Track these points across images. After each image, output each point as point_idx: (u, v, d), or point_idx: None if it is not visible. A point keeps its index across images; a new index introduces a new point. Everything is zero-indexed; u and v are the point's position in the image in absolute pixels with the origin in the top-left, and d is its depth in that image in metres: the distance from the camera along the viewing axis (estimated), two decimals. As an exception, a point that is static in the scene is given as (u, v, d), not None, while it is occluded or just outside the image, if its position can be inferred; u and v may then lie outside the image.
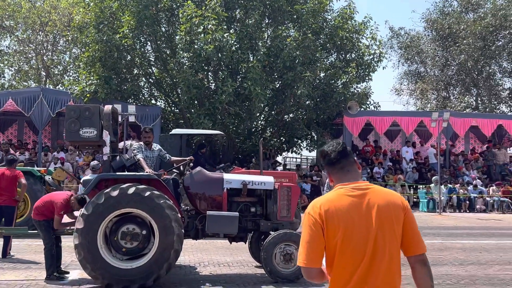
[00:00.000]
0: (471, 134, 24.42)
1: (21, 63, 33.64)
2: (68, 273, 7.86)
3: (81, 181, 8.12)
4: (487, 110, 32.08)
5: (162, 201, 7.00)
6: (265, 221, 7.84)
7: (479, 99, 33.79)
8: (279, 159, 24.70)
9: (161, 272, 6.98)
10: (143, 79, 21.82)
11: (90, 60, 19.34)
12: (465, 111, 30.72)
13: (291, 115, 21.27)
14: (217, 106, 18.05)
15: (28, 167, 12.39)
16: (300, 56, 18.24)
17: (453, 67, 33.45)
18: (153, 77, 21.67)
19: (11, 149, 18.87)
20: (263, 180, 7.95)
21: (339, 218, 2.58)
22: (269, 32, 20.60)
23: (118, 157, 7.87)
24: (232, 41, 17.97)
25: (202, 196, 7.76)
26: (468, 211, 19.09)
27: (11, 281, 7.42)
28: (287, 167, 24.88)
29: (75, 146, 8.11)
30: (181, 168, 8.18)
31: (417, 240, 2.66)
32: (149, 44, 20.93)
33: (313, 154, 24.63)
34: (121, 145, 12.86)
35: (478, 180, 20.39)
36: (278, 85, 20.20)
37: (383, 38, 30.39)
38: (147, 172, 7.45)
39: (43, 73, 33.31)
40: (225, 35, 17.39)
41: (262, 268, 7.70)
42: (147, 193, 6.98)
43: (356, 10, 20.73)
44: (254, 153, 20.57)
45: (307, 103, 20.13)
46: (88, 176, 8.15)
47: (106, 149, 8.28)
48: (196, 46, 17.75)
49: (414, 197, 20.09)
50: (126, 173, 7.66)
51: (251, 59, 18.48)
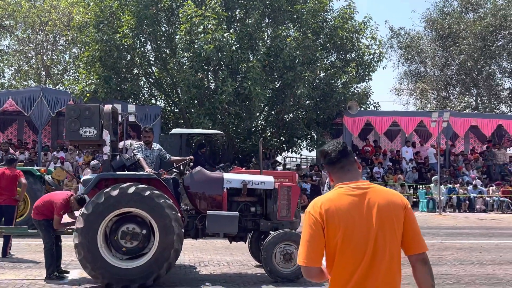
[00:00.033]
0: (471, 134, 24.43)
1: (21, 62, 33.64)
2: (68, 272, 7.85)
3: (81, 180, 8.12)
4: (487, 110, 32.08)
5: (162, 200, 7.00)
6: (265, 220, 7.84)
7: (479, 99, 33.79)
8: (279, 159, 24.70)
9: (161, 271, 6.98)
10: (143, 78, 21.82)
11: (90, 60, 19.36)
12: (465, 111, 30.72)
13: (291, 115, 21.27)
14: (217, 105, 18.06)
15: (28, 167, 12.38)
16: (300, 56, 18.24)
17: (453, 67, 33.45)
18: (153, 77, 21.67)
19: (10, 149, 18.85)
20: (263, 180, 7.95)
21: (339, 217, 2.59)
22: (269, 32, 20.60)
23: (118, 157, 7.88)
24: (232, 41, 17.98)
25: (202, 196, 7.77)
26: (467, 211, 19.10)
27: (11, 281, 7.42)
28: (287, 167, 24.88)
29: (75, 145, 8.10)
30: (181, 168, 8.18)
31: (418, 239, 2.65)
32: (149, 43, 20.94)
33: (313, 154, 24.64)
34: (120, 144, 12.87)
35: (478, 180, 20.39)
36: (278, 85, 20.20)
37: (383, 38, 30.38)
38: (147, 172, 7.45)
39: (43, 73, 33.31)
40: (225, 34, 17.40)
41: (262, 268, 7.70)
42: (147, 193, 6.99)
43: (356, 10, 20.78)
44: (254, 153, 20.57)
45: (307, 103, 20.14)
46: (88, 175, 8.15)
47: (106, 149, 8.27)
48: (196, 46, 17.76)
49: (414, 197, 20.07)
50: (126, 172, 7.66)
51: (251, 59, 18.48)
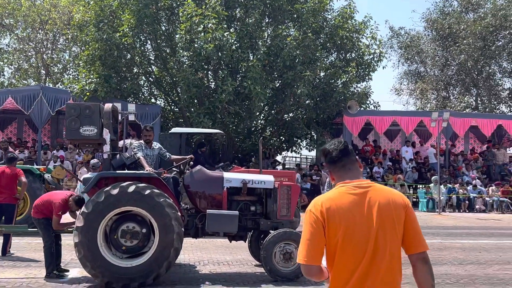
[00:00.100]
0: (471, 134, 24.43)
1: (21, 61, 33.61)
2: (68, 271, 7.86)
3: (81, 179, 8.12)
4: (487, 110, 32.09)
5: (162, 199, 7.00)
6: (265, 220, 7.84)
7: (479, 99, 33.80)
8: (278, 158, 24.70)
9: (160, 270, 6.98)
10: (143, 77, 21.82)
11: (90, 59, 19.34)
12: (465, 111, 30.71)
13: (291, 114, 21.28)
14: (217, 105, 18.06)
15: (28, 165, 12.38)
16: (300, 55, 18.24)
17: (453, 67, 33.46)
18: (153, 76, 21.66)
19: (10, 147, 18.84)
20: (263, 179, 7.95)
21: (340, 216, 2.58)
22: (269, 31, 20.60)
23: (118, 156, 7.88)
24: (232, 40, 17.97)
25: (202, 195, 7.77)
26: (467, 211, 19.10)
27: (11, 279, 7.42)
28: (286, 166, 24.88)
29: (75, 144, 8.09)
30: (181, 167, 8.18)
31: (419, 238, 2.65)
32: (149, 42, 20.93)
33: (313, 153, 24.65)
34: (120, 143, 12.87)
35: (478, 180, 20.39)
36: (278, 84, 20.19)
37: (383, 38, 30.32)
38: (147, 171, 7.46)
39: (43, 72, 33.29)
40: (225, 34, 17.39)
41: (262, 267, 7.71)
42: (147, 192, 6.99)
43: (356, 9, 20.78)
44: (254, 152, 20.56)
45: (307, 102, 20.14)
46: (88, 174, 8.14)
47: (106, 148, 8.28)
48: (196, 45, 17.76)
49: (414, 197, 20.07)
50: (126, 171, 7.66)
51: (251, 58, 18.48)
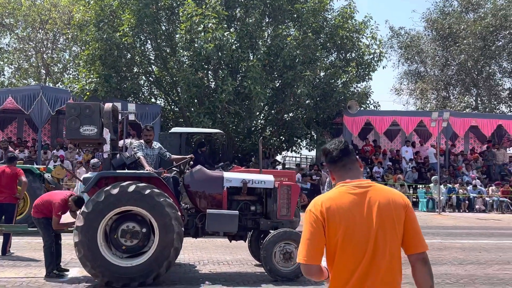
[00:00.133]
0: (471, 134, 24.43)
1: (21, 61, 33.62)
2: (67, 270, 7.85)
3: (81, 178, 8.12)
4: (487, 110, 32.09)
5: (162, 199, 7.00)
6: (265, 219, 7.85)
7: (479, 99, 33.80)
8: (278, 158, 24.71)
9: (160, 270, 6.98)
10: (143, 77, 21.81)
11: (90, 58, 19.35)
12: (465, 111, 30.71)
13: (291, 114, 21.28)
14: (217, 105, 18.06)
15: (28, 165, 12.38)
16: (300, 55, 18.23)
17: (453, 67, 33.46)
18: (153, 76, 21.66)
19: (10, 147, 18.83)
20: (263, 179, 7.95)
21: (340, 216, 2.58)
22: (269, 31, 20.59)
23: (118, 155, 7.88)
24: (232, 40, 17.97)
25: (202, 194, 7.77)
26: (467, 211, 19.10)
27: (10, 279, 7.42)
28: (286, 166, 24.87)
29: (75, 144, 8.10)
30: (181, 166, 8.18)
31: (418, 238, 2.64)
32: (149, 42, 20.92)
33: (313, 153, 24.64)
34: (120, 143, 12.88)
35: (478, 180, 20.38)
36: (278, 84, 20.19)
37: (383, 38, 30.34)
38: (147, 170, 7.46)
39: (43, 71, 33.29)
40: (225, 33, 17.39)
41: (262, 267, 7.71)
42: (147, 191, 6.99)
43: (356, 9, 20.80)
44: (254, 152, 20.56)
45: (307, 102, 20.14)
46: (88, 173, 8.14)
47: (106, 147, 8.28)
48: (196, 45, 17.76)
49: (414, 196, 20.07)
50: (126, 171, 7.66)
51: (251, 58, 18.48)
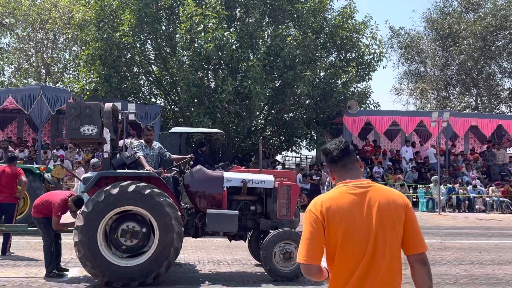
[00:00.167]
0: (471, 134, 24.43)
1: (21, 60, 33.62)
2: (67, 270, 7.85)
3: (82, 178, 8.12)
4: (487, 110, 32.09)
5: (162, 199, 7.01)
6: (264, 219, 7.85)
7: (479, 99, 33.80)
8: (278, 158, 24.71)
9: (160, 270, 6.98)
10: (143, 77, 21.81)
11: (90, 58, 19.34)
12: (465, 111, 30.72)
13: (291, 114, 21.27)
14: (217, 104, 18.06)
15: (28, 165, 12.38)
16: (300, 55, 18.23)
17: (453, 67, 33.46)
18: (153, 76, 21.66)
19: (10, 147, 18.83)
20: (263, 179, 7.95)
21: (340, 216, 2.59)
22: (269, 31, 20.59)
23: (118, 155, 7.88)
24: (232, 40, 17.97)
25: (202, 194, 7.77)
26: (467, 211, 19.10)
27: (10, 278, 7.42)
28: (286, 166, 24.86)
29: (75, 143, 8.09)
30: (181, 166, 8.18)
31: (418, 238, 2.64)
32: (149, 42, 20.92)
33: (313, 153, 24.65)
34: (120, 143, 12.88)
35: (477, 180, 20.38)
36: (278, 84, 20.19)
37: (383, 38, 30.36)
38: (147, 170, 7.46)
39: (43, 71, 33.29)
40: (225, 33, 17.39)
41: (262, 267, 7.71)
42: (147, 191, 6.99)
43: (357, 9, 20.81)
44: (254, 152, 20.56)
45: (307, 102, 20.14)
46: (88, 173, 8.15)
47: (107, 147, 8.28)
48: (196, 45, 17.76)
49: (414, 196, 20.07)
50: (126, 170, 7.66)
51: (251, 58, 18.48)
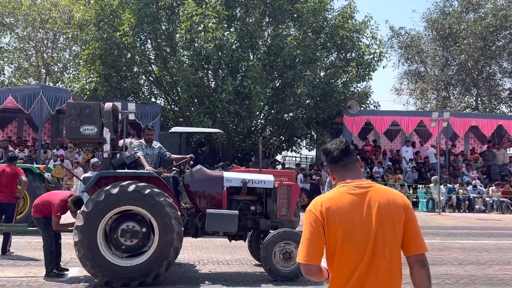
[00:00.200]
0: (471, 134, 24.42)
1: (21, 60, 33.62)
2: (67, 270, 7.85)
3: (81, 178, 8.12)
4: (487, 110, 32.09)
5: (162, 199, 7.00)
6: (264, 219, 7.85)
7: (479, 99, 33.80)
8: (278, 158, 24.71)
9: (160, 269, 6.98)
10: (143, 77, 21.82)
11: (90, 58, 19.34)
12: (465, 111, 30.72)
13: (291, 114, 21.28)
14: (217, 104, 18.06)
15: (28, 164, 12.38)
16: (300, 55, 18.24)
17: (453, 67, 33.46)
18: (153, 75, 21.66)
19: (10, 146, 18.84)
20: (263, 179, 7.95)
21: (340, 216, 2.58)
22: (269, 30, 20.59)
23: (118, 155, 7.88)
24: (233, 40, 17.97)
25: (202, 194, 7.77)
26: (467, 211, 19.10)
27: (10, 278, 7.42)
28: (286, 166, 24.85)
29: (75, 143, 8.09)
30: (181, 166, 8.18)
31: (418, 239, 2.63)
32: (149, 42, 20.92)
33: (313, 153, 24.64)
34: (120, 142, 12.87)
35: (477, 180, 20.38)
36: (278, 84, 20.19)
37: (383, 38, 30.46)
38: (147, 170, 7.46)
39: (43, 71, 33.28)
40: (225, 33, 17.39)
41: (262, 267, 7.70)
42: (147, 191, 6.99)
43: (357, 9, 20.82)
44: (254, 151, 20.56)
45: (307, 102, 20.14)
46: (88, 173, 8.15)
47: (107, 147, 8.27)
48: (196, 45, 17.77)
49: (414, 196, 20.07)
50: (126, 170, 7.66)
51: (251, 58, 18.48)
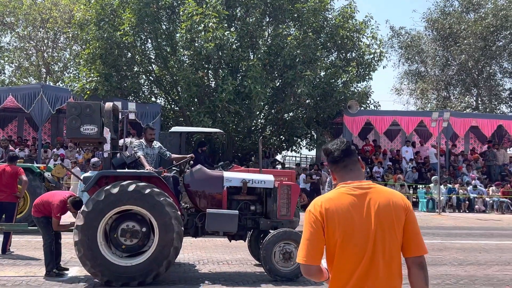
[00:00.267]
0: (471, 134, 24.42)
1: (22, 59, 33.63)
2: (67, 269, 7.86)
3: (82, 177, 8.13)
4: (487, 110, 32.07)
5: (162, 198, 7.01)
6: (264, 219, 7.85)
7: (479, 99, 33.79)
8: (278, 157, 24.71)
9: (160, 269, 6.99)
10: (143, 76, 21.80)
11: (91, 57, 19.33)
12: (465, 111, 30.71)
13: (291, 113, 21.27)
14: (217, 104, 18.05)
15: (28, 164, 12.38)
16: (301, 54, 18.23)
17: (453, 67, 33.45)
18: (153, 75, 21.65)
19: (10, 146, 18.84)
20: (263, 179, 7.96)
21: (339, 217, 2.58)
22: (269, 30, 20.59)
23: (118, 154, 7.89)
24: (233, 39, 17.97)
25: (202, 194, 7.77)
26: (467, 211, 19.10)
27: (10, 277, 7.43)
28: (286, 165, 24.85)
29: (76, 143, 8.10)
30: (181, 166, 8.18)
31: (417, 241, 2.62)
32: (149, 41, 20.90)
33: (313, 153, 24.64)
34: (120, 142, 12.87)
35: (477, 181, 20.37)
36: (278, 83, 20.19)
37: (383, 38, 30.46)
38: (147, 170, 7.46)
39: (44, 70, 33.29)
40: (225, 33, 17.38)
41: (262, 267, 7.71)
42: (147, 191, 6.99)
43: (357, 9, 20.85)
44: (254, 151, 20.56)
45: (307, 102, 20.13)
46: (88, 172, 8.15)
47: (107, 146, 8.28)
48: (196, 44, 17.76)
49: (414, 197, 20.06)
50: (126, 170, 7.67)
51: (252, 58, 18.48)
